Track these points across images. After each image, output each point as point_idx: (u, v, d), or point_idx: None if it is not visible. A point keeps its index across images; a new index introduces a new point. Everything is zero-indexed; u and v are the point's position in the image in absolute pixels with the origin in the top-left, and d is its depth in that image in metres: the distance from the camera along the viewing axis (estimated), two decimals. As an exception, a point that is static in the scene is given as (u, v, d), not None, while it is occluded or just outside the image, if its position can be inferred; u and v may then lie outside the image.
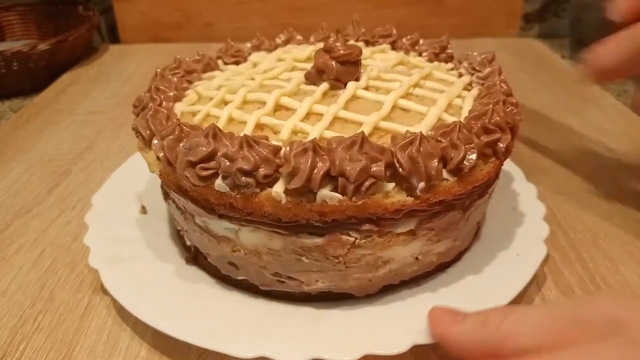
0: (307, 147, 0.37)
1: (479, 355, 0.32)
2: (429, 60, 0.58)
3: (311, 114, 0.45)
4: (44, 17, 1.18)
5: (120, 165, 0.64)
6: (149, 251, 0.50)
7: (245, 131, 0.42)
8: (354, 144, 0.38)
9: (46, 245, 0.57)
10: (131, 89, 0.98)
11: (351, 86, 0.48)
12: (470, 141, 0.40)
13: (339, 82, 0.49)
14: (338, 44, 0.48)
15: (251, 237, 0.42)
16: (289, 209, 0.38)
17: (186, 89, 0.53)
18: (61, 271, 0.53)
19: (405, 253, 0.43)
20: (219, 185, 0.39)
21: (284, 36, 0.65)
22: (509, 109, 0.45)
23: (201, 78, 0.56)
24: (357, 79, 0.49)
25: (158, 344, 0.44)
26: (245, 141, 0.38)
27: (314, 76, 0.50)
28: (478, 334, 0.32)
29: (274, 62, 0.57)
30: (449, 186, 0.40)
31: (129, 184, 0.59)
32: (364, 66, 0.52)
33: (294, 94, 0.48)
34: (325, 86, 0.48)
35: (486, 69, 0.52)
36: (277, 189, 0.38)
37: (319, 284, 0.43)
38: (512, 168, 0.60)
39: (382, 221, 0.40)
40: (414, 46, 0.61)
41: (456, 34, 0.76)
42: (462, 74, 0.54)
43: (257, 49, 0.63)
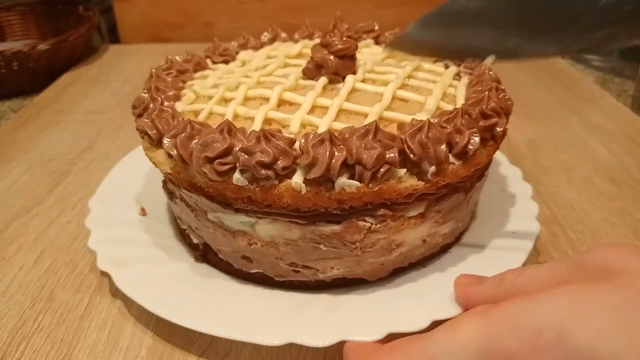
0: (324, 138, 0.39)
1: None
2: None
3: (315, 107, 0.46)
4: (44, 17, 1.16)
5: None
6: (156, 251, 0.50)
7: (255, 126, 0.43)
8: (368, 132, 0.39)
9: (46, 246, 0.57)
10: (131, 89, 0.97)
11: (350, 79, 0.49)
12: (472, 126, 0.43)
13: (337, 76, 0.50)
14: (335, 39, 0.50)
15: (269, 229, 0.43)
16: (309, 198, 0.40)
17: (182, 88, 0.53)
18: (61, 271, 0.53)
19: (415, 235, 0.45)
20: (237, 179, 0.40)
21: (268, 34, 0.66)
22: (500, 95, 0.48)
23: (193, 77, 0.56)
24: (354, 73, 0.51)
25: (158, 344, 0.44)
26: (262, 135, 0.39)
27: (312, 71, 0.51)
28: (496, 290, 0.36)
29: (263, 59, 0.58)
30: (455, 169, 0.42)
31: (124, 187, 0.59)
32: (358, 60, 0.54)
33: (293, 89, 0.49)
34: (324, 80, 0.50)
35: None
36: (297, 180, 0.39)
37: (334, 271, 0.45)
38: (496, 153, 0.63)
39: (395, 206, 0.42)
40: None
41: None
42: (448, 65, 0.56)
43: (243, 47, 0.63)
